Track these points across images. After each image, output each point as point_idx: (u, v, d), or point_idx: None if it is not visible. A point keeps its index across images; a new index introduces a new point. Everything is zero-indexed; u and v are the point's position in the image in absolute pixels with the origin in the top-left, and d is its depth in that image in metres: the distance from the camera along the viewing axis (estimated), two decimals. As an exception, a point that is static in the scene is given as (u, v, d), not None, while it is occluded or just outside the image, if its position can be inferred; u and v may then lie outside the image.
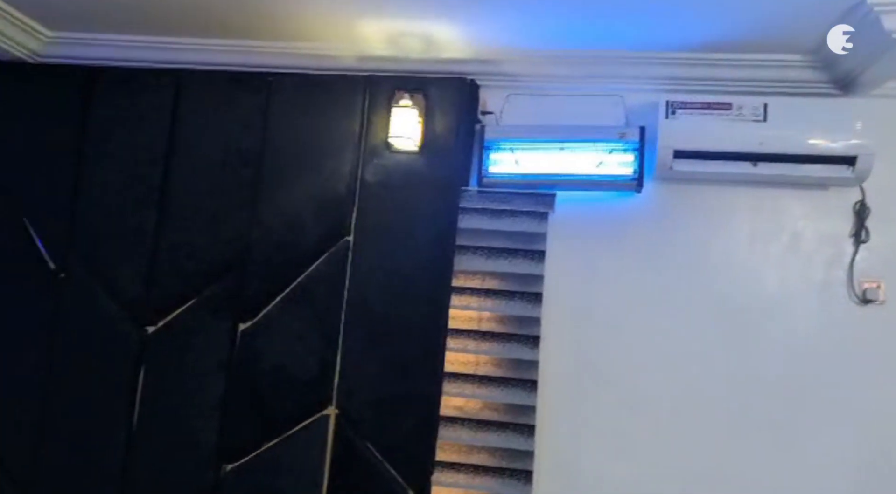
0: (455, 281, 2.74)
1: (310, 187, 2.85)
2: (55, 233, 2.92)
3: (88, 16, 2.81)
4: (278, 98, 2.91)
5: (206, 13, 2.69)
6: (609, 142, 2.74)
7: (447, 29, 2.66)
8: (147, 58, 2.99)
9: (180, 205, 2.90)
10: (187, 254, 2.86)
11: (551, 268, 2.76)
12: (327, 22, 2.68)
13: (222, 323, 2.81)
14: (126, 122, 2.96)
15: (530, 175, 2.78)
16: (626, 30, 2.56)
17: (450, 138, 2.82)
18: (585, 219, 2.81)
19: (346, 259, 2.79)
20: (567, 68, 2.82)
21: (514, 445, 2.63)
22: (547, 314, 2.73)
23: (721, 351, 2.67)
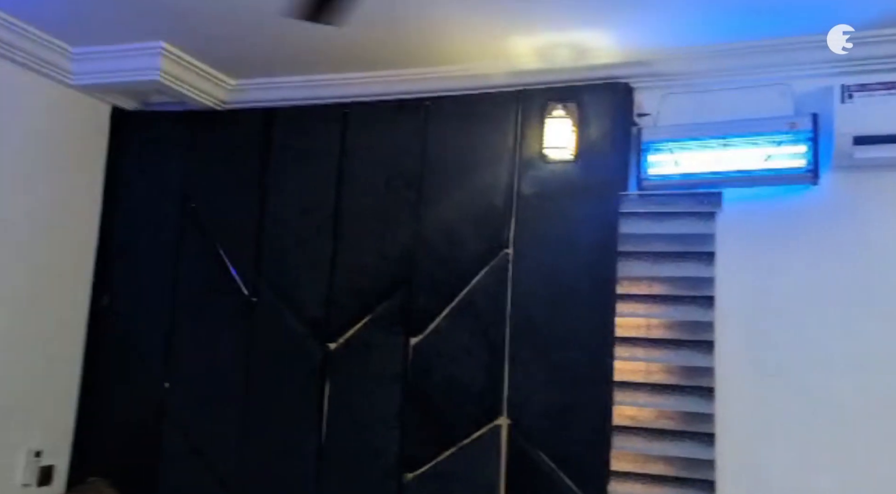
0: (620, 287, 2.71)
1: (468, 203, 2.94)
2: (246, 261, 3.21)
3: (266, 63, 3.10)
4: (435, 120, 3.04)
5: (368, 48, 2.87)
6: (777, 134, 2.59)
7: (597, 35, 2.65)
8: (317, 95, 3.23)
9: (352, 229, 3.09)
10: (360, 274, 3.05)
11: (722, 270, 2.65)
12: (478, 43, 2.77)
13: (395, 338, 2.95)
14: (301, 156, 3.21)
15: (692, 174, 2.69)
16: (790, 14, 2.41)
17: (606, 144, 2.80)
18: (757, 216, 2.67)
19: (506, 271, 2.84)
20: (726, 61, 2.70)
21: (693, 454, 2.53)
22: (720, 318, 2.62)
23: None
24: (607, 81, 2.85)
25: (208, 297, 3.24)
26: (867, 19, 2.42)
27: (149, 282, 3.32)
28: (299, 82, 3.23)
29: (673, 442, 2.56)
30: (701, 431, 2.54)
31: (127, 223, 3.38)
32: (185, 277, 3.28)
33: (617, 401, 2.64)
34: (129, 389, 3.28)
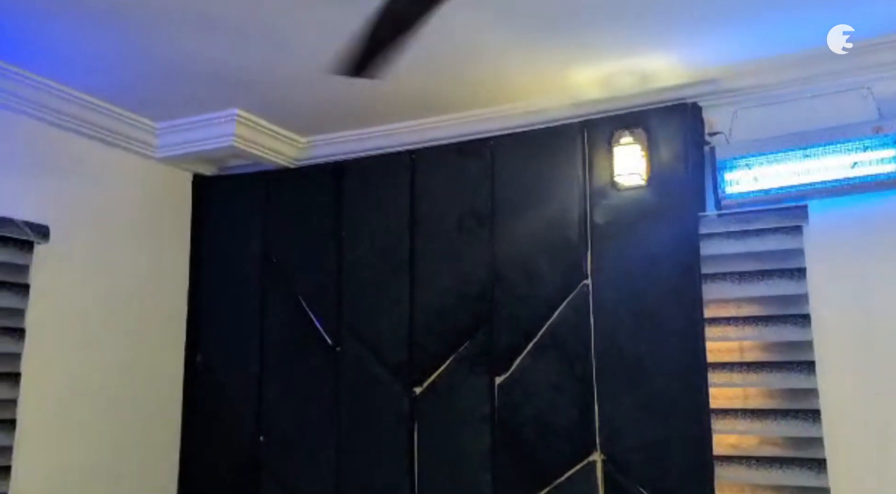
0: (707, 311, 2.62)
1: (542, 236, 2.92)
2: (328, 311, 3.27)
3: (333, 118, 3.20)
4: (501, 158, 3.05)
5: (430, 94, 2.92)
6: (862, 140, 2.49)
7: (659, 59, 2.62)
8: (384, 144, 3.30)
9: (428, 271, 3.11)
10: (440, 316, 3.05)
11: (816, 286, 2.53)
12: (538, 78, 2.78)
13: (479, 378, 2.93)
14: (373, 204, 3.27)
15: (774, 189, 2.60)
16: (864, 14, 2.32)
17: (678, 166, 2.75)
18: (848, 226, 2.55)
19: (587, 302, 2.79)
20: (798, 71, 2.62)
21: (803, 482, 2.39)
22: (819, 336, 2.49)
23: None
24: (674, 103, 2.80)
25: (295, 350, 3.31)
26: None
27: (238, 339, 3.42)
28: (366, 134, 3.31)
29: (781, 470, 2.43)
30: (811, 457, 2.40)
31: (213, 283, 3.51)
32: (271, 331, 3.36)
33: (716, 430, 2.53)
34: (225, 444, 3.36)
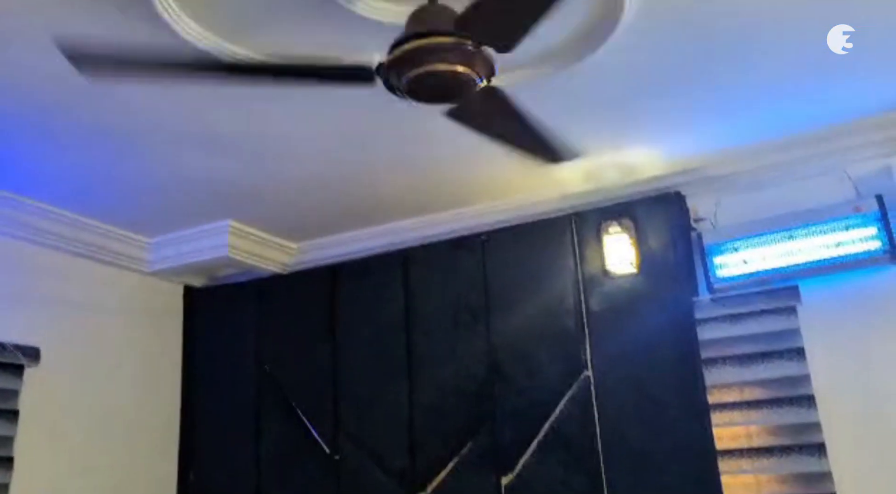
0: (711, 397, 2.60)
1: (539, 328, 2.92)
2: (325, 418, 3.20)
3: (325, 223, 3.24)
4: (494, 252, 3.09)
5: (421, 193, 2.98)
6: (843, 220, 2.56)
7: (642, 151, 2.70)
8: (377, 244, 3.33)
9: (426, 370, 3.08)
10: (440, 416, 3.00)
11: (817, 365, 2.53)
12: (527, 174, 2.84)
13: (485, 480, 2.85)
14: (368, 305, 3.27)
15: (763, 271, 2.64)
16: (837, 101, 2.44)
17: (668, 253, 2.79)
18: (841, 304, 2.58)
19: (589, 393, 2.77)
20: (777, 156, 2.71)
21: (828, 573, 2.31)
22: (826, 416, 2.47)
23: None
24: (659, 192, 2.88)
25: (292, 461, 3.22)
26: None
27: (232, 452, 3.32)
28: (358, 236, 3.35)
29: (804, 561, 2.35)
30: (832, 544, 2.34)
31: (206, 397, 3.44)
32: (267, 442, 3.28)
33: (732, 521, 2.46)
34: (222, 566, 3.21)
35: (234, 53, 1.94)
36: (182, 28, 1.84)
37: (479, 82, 1.70)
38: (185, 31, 1.85)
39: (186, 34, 1.85)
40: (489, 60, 1.66)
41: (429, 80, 1.63)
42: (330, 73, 1.75)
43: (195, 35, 1.88)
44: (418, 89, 1.66)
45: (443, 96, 1.71)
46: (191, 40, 1.87)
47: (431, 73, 1.62)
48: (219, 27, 1.89)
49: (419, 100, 1.70)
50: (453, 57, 1.62)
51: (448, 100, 1.74)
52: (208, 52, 1.91)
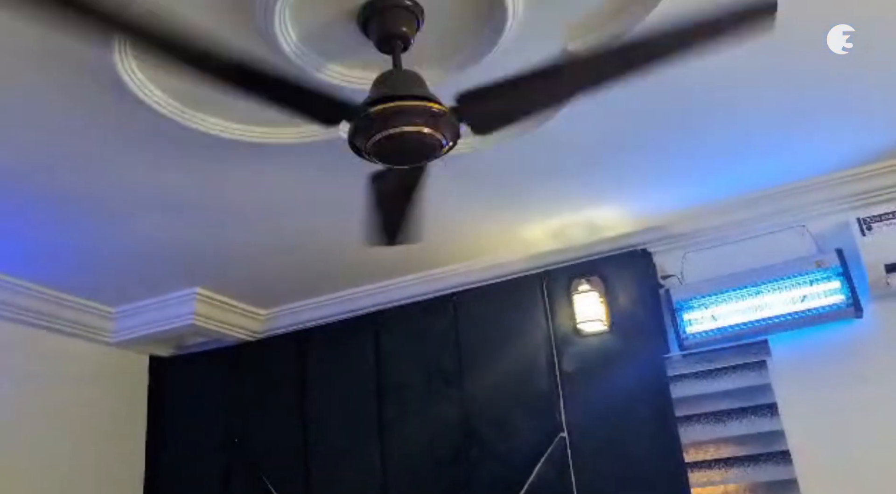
0: (687, 455, 2.57)
1: (512, 389, 2.88)
2: (295, 489, 3.09)
3: (293, 289, 3.21)
4: (465, 314, 3.07)
5: (390, 258, 2.97)
6: (807, 274, 2.60)
7: (608, 210, 2.74)
8: (346, 309, 3.29)
9: (399, 436, 3.01)
10: (415, 484, 2.92)
11: (790, 420, 2.52)
12: (495, 234, 2.87)
13: (463, 550, 2.77)
14: (338, 371, 3.21)
15: (731, 326, 2.65)
16: (795, 160, 2.51)
17: (637, 310, 2.80)
18: (812, 357, 2.59)
19: (566, 455, 2.72)
20: (738, 213, 2.77)
21: None
22: (803, 472, 2.45)
23: None
24: (626, 250, 2.91)
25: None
26: (869, 154, 2.50)
27: (199, 530, 3.19)
28: (328, 301, 3.32)
29: None
30: None
31: (172, 470, 3.31)
32: (235, 517, 3.15)
33: None
34: None
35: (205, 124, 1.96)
36: (154, 100, 1.86)
37: (446, 145, 1.72)
38: (157, 103, 1.87)
39: (160, 107, 1.87)
40: (454, 124, 1.69)
41: (396, 141, 1.65)
42: (306, 96, 1.66)
43: (165, 106, 1.89)
44: (384, 151, 1.67)
45: (409, 158, 1.73)
46: (163, 112, 1.89)
47: (399, 134, 1.64)
48: (186, 98, 1.90)
49: (385, 162, 1.72)
50: (420, 119, 1.64)
51: (413, 162, 1.75)
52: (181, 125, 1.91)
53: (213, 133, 1.99)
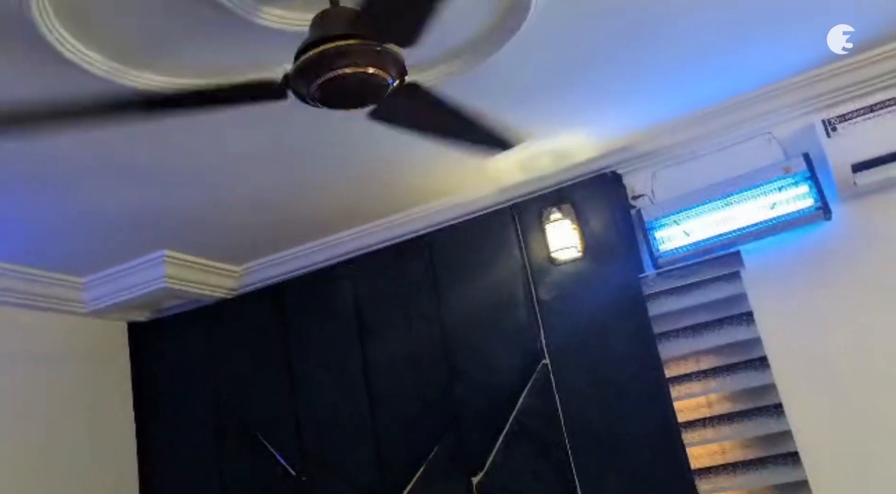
0: (668, 370, 2.61)
1: (493, 324, 2.90)
2: (287, 441, 3.13)
3: (266, 243, 3.18)
4: (439, 254, 3.06)
5: (361, 204, 2.94)
6: (775, 181, 2.58)
7: (575, 135, 2.69)
8: (322, 258, 3.27)
9: (385, 381, 3.03)
10: (404, 425, 2.96)
11: (767, 327, 2.55)
12: (463, 170, 2.82)
13: (456, 483, 2.82)
14: (319, 321, 3.21)
15: (704, 241, 2.65)
16: (755, 67, 2.46)
17: (610, 233, 2.80)
18: (784, 263, 2.60)
19: (549, 382, 2.76)
20: (704, 126, 2.73)
21: (799, 530, 2.34)
22: (781, 377, 2.49)
23: None
24: (594, 175, 2.88)
25: (259, 488, 3.14)
26: (829, 54, 2.44)
27: (197, 488, 3.23)
28: (301, 251, 3.29)
29: (775, 522, 2.37)
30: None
31: (163, 435, 3.34)
32: (231, 473, 3.19)
33: (703, 491, 2.47)
34: None
35: (146, 82, 1.89)
36: (86, 61, 1.78)
37: (392, 82, 1.66)
38: (90, 64, 1.79)
39: (93, 68, 1.79)
40: (398, 58, 1.63)
41: (338, 85, 1.59)
42: (239, 94, 1.69)
43: (101, 66, 1.81)
44: (329, 96, 1.62)
45: (355, 101, 1.67)
46: (98, 73, 1.81)
47: (340, 77, 1.58)
48: (122, 55, 1.82)
49: (331, 106, 1.66)
50: (361, 59, 1.58)
51: (362, 104, 1.70)
52: (116, 85, 1.85)
53: (149, 90, 1.91)
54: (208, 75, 1.93)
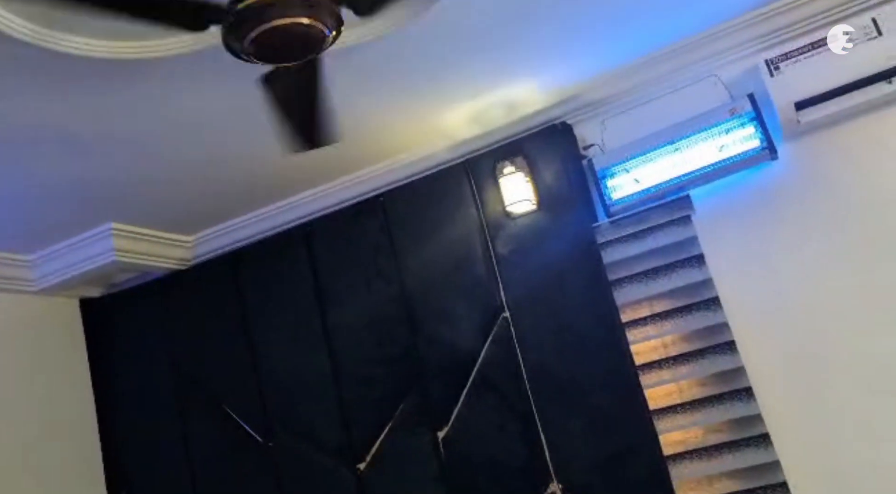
0: (624, 316, 2.64)
1: (452, 281, 2.90)
2: (251, 407, 3.12)
3: (217, 211, 3.11)
4: (395, 212, 3.04)
5: (313, 164, 2.88)
6: (722, 124, 2.61)
7: (522, 86, 2.67)
8: (277, 223, 3.22)
9: (346, 342, 3.03)
10: (368, 385, 2.96)
11: (718, 268, 2.60)
12: (414, 126, 2.79)
13: (423, 438, 2.85)
14: (276, 286, 3.18)
15: (655, 187, 2.68)
16: (697, 9, 2.46)
17: (562, 185, 2.80)
18: (733, 205, 2.65)
19: (510, 334, 2.78)
20: (650, 72, 2.74)
21: (753, 461, 2.41)
22: (732, 315, 2.55)
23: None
24: (546, 126, 2.87)
25: (225, 457, 3.13)
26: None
27: (163, 461, 3.21)
28: (255, 218, 3.24)
29: (731, 455, 2.44)
30: (755, 434, 2.43)
31: (125, 408, 3.30)
32: (197, 444, 3.18)
33: (661, 430, 2.53)
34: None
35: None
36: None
37: (329, 34, 1.63)
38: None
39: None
40: (334, 10, 1.59)
41: (273, 37, 1.55)
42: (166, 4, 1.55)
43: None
44: (264, 50, 1.58)
45: (290, 54, 1.63)
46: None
47: (275, 29, 1.54)
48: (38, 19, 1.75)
49: (268, 61, 1.62)
50: (296, 9, 1.54)
51: (299, 58, 1.66)
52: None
53: (78, 54, 1.84)
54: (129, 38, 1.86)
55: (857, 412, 2.39)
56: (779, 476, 2.38)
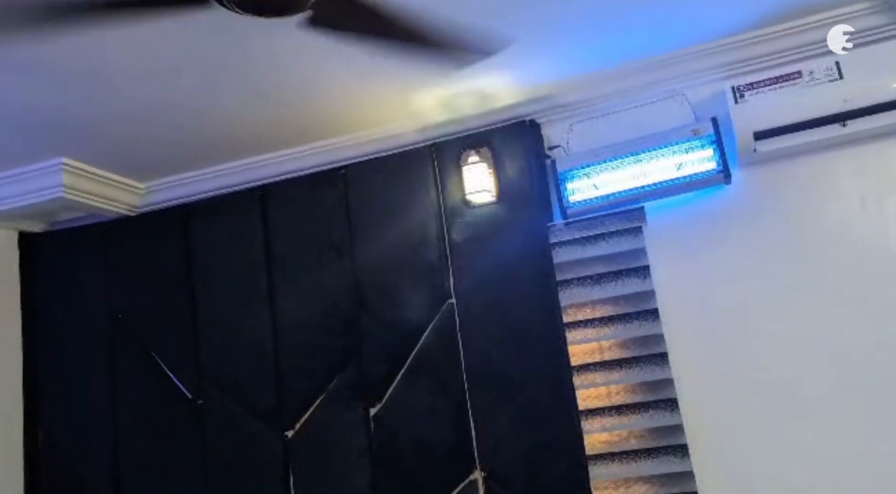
0: (566, 316, 2.71)
1: (403, 261, 2.92)
2: (185, 364, 3.09)
3: (174, 161, 3.05)
4: (355, 187, 3.03)
5: (277, 128, 2.86)
6: (684, 143, 2.69)
7: (496, 79, 2.70)
8: (232, 182, 3.18)
9: (290, 309, 3.02)
10: (307, 354, 2.96)
11: (661, 281, 2.68)
12: (384, 104, 2.79)
13: (353, 412, 2.86)
14: (225, 245, 3.14)
15: (612, 195, 2.75)
16: (675, 29, 2.53)
17: (524, 181, 2.84)
18: (682, 222, 2.73)
19: (454, 321, 2.82)
20: (622, 82, 2.80)
21: (670, 468, 2.51)
22: (668, 328, 2.64)
23: (863, 323, 2.49)
24: (514, 121, 2.91)
25: (151, 410, 3.09)
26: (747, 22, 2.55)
27: (85, 407, 3.14)
28: (211, 173, 3.19)
29: (649, 460, 2.54)
30: (674, 444, 2.52)
31: (53, 348, 3.22)
32: (124, 394, 3.12)
33: (586, 430, 2.61)
34: (82, 523, 3.07)
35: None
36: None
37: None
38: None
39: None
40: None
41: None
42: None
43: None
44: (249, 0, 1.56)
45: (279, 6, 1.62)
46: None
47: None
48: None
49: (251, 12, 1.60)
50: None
51: (285, 12, 1.65)
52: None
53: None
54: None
55: (770, 432, 2.52)
56: (692, 485, 2.48)
